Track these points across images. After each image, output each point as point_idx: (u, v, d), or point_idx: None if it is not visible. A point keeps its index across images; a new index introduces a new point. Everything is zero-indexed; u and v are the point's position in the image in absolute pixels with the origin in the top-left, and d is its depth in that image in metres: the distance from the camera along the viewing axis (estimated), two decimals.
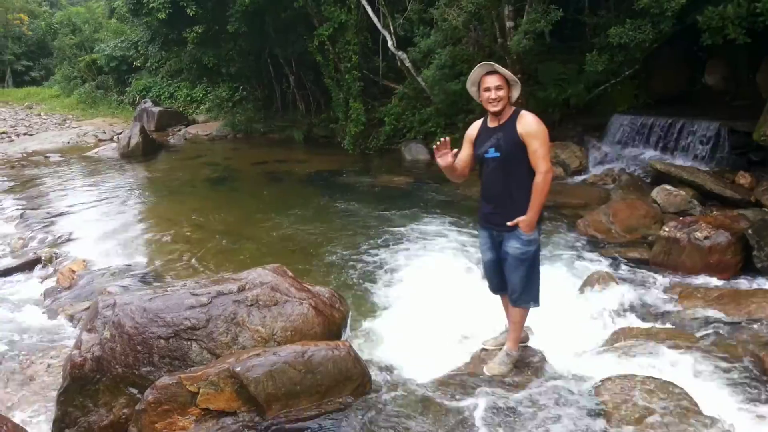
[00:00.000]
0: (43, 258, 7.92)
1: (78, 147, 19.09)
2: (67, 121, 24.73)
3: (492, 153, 3.87)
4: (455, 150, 3.88)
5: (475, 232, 7.46)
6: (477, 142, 4.01)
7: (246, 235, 8.70)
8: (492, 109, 3.83)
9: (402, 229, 8.39)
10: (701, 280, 6.01)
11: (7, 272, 7.58)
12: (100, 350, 3.86)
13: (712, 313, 5.19)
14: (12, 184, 13.48)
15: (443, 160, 3.85)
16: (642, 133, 10.28)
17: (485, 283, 4.37)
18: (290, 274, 4.76)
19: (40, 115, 26.66)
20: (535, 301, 4.07)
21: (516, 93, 3.86)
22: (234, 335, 4.03)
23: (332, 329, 4.35)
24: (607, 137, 10.92)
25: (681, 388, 3.71)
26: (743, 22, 7.76)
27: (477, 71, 3.89)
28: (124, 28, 26.36)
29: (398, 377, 4.26)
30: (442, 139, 3.89)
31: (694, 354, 4.46)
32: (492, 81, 3.79)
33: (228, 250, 8.10)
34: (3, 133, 22.00)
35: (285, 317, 4.20)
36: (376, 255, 7.42)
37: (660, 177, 8.76)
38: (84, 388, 3.82)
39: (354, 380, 3.80)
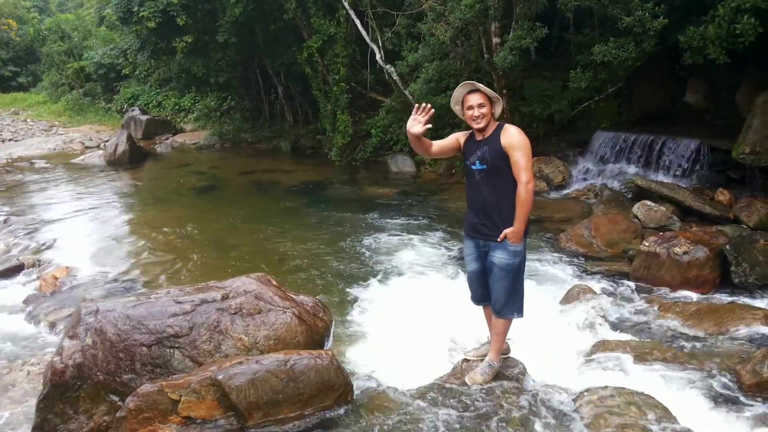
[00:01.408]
0: (26, 264, 7.88)
1: (64, 154, 18.98)
2: (54, 128, 24.56)
3: (478, 165, 3.95)
4: (429, 126, 3.85)
5: (459, 244, 7.54)
6: (465, 153, 4.09)
7: (231, 243, 8.70)
8: (476, 126, 3.93)
9: (386, 240, 8.44)
10: (680, 294, 6.11)
11: None
12: (81, 357, 3.86)
13: (690, 327, 5.29)
14: None
15: (414, 126, 3.81)
16: (624, 150, 10.43)
17: (468, 294, 4.42)
18: (274, 282, 4.78)
19: (26, 121, 26.44)
20: (519, 312, 4.12)
21: (498, 109, 3.96)
22: (217, 343, 4.05)
23: (315, 338, 4.38)
24: (590, 153, 11.06)
25: (658, 401, 3.78)
26: (723, 42, 7.92)
27: (459, 91, 3.99)
28: (113, 36, 26.29)
29: (380, 387, 4.29)
30: (428, 105, 3.87)
31: (672, 367, 4.54)
32: (474, 99, 3.89)
33: (213, 258, 8.11)
34: None
35: (268, 326, 4.23)
36: (361, 265, 7.46)
37: (641, 193, 8.89)
38: (64, 395, 3.82)
39: (336, 389, 3.83)
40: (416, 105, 3.89)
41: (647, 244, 6.54)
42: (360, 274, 7.17)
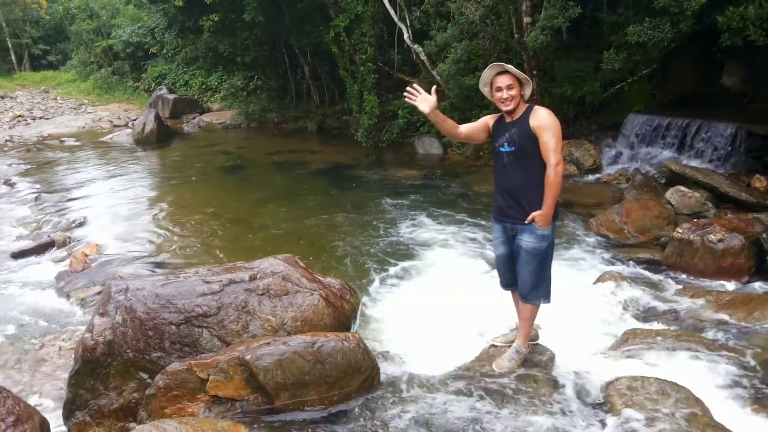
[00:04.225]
0: (56, 241, 8.00)
1: (93, 132, 19.21)
2: (83, 106, 24.88)
3: (506, 147, 3.89)
4: (435, 88, 3.85)
5: (488, 228, 7.46)
6: (493, 135, 4.02)
7: (258, 224, 8.73)
8: (504, 108, 3.86)
9: (413, 222, 8.39)
10: (713, 283, 5.97)
11: (22, 254, 7.69)
12: (111, 334, 3.90)
13: (724, 316, 5.16)
14: (28, 167, 13.60)
15: (423, 105, 3.80)
16: (657, 133, 10.19)
17: (496, 279, 4.36)
18: (302, 264, 4.78)
19: (56, 99, 26.83)
20: (546, 297, 4.06)
21: (528, 91, 3.88)
22: (245, 323, 4.06)
23: (342, 321, 4.37)
24: (622, 136, 10.83)
25: (690, 392, 3.70)
26: (764, 23, 7.67)
27: (488, 72, 3.91)
28: (141, 15, 26.40)
29: (407, 371, 4.26)
30: (414, 85, 3.88)
31: (705, 357, 4.43)
32: (503, 81, 3.81)
33: (240, 238, 8.14)
34: (19, 116, 22.17)
35: (295, 307, 4.23)
36: (388, 248, 7.42)
37: (674, 178, 8.70)
38: (95, 371, 3.87)
39: (363, 372, 3.82)
40: (406, 91, 3.87)
41: (680, 230, 6.40)
42: (386, 256, 7.14)
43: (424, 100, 3.80)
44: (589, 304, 5.46)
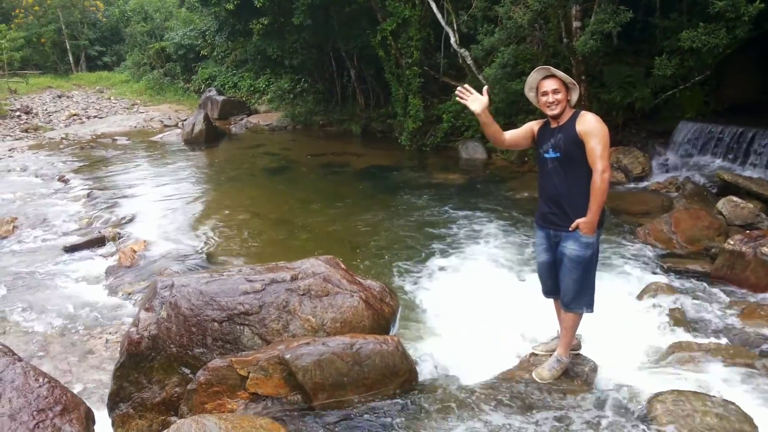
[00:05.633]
0: (106, 237, 8.24)
1: (144, 131, 19.72)
2: (135, 106, 25.56)
3: (551, 153, 3.82)
4: (486, 88, 3.82)
5: (530, 234, 7.37)
6: (538, 141, 3.96)
7: (300, 224, 8.81)
8: (550, 112, 3.78)
9: (456, 227, 8.34)
10: (766, 297, 5.76)
11: (73, 249, 7.95)
12: (156, 329, 3.99)
13: None
14: (81, 164, 14.05)
15: (476, 104, 3.75)
16: (710, 142, 9.90)
17: (538, 286, 4.30)
18: (342, 265, 4.80)
19: (110, 99, 27.63)
20: (589, 306, 3.97)
21: (575, 96, 3.80)
22: (285, 323, 4.10)
23: (381, 323, 4.36)
24: (673, 144, 10.56)
25: (738, 408, 3.57)
26: None
27: (534, 76, 3.85)
28: (193, 18, 27.02)
29: (445, 376, 4.25)
30: (465, 85, 3.87)
31: (756, 375, 4.28)
32: (549, 85, 3.75)
33: (282, 238, 8.24)
34: (75, 114, 22.93)
35: (335, 308, 4.24)
36: (429, 252, 7.40)
37: (727, 188, 8.44)
38: (139, 364, 3.96)
39: (401, 375, 3.82)
40: (458, 90, 3.84)
41: (732, 242, 6.19)
42: (428, 260, 7.12)
43: (475, 100, 3.76)
44: (634, 315, 5.34)
